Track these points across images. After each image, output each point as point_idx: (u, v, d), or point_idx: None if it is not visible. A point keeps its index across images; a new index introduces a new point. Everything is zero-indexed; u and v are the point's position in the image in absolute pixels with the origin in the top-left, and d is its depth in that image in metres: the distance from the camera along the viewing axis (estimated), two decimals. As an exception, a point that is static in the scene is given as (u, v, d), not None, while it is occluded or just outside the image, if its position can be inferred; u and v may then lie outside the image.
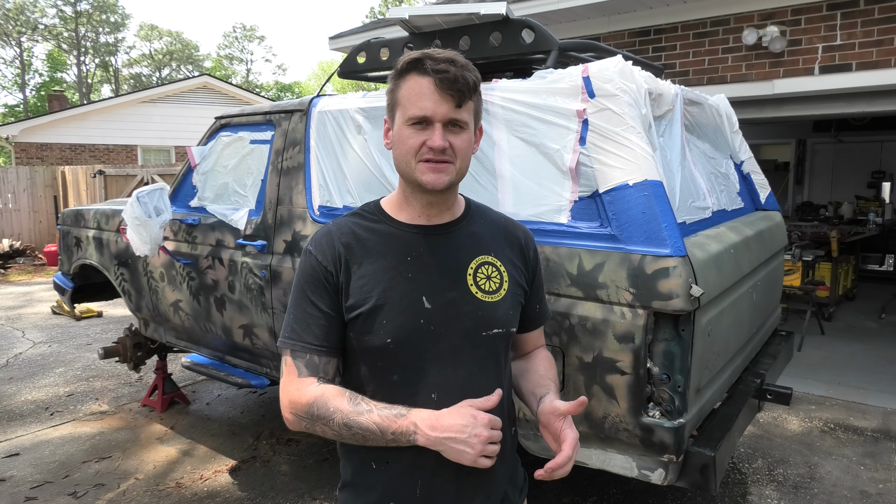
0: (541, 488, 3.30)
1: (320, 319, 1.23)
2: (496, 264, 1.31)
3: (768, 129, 10.12)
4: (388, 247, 1.25)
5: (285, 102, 3.26)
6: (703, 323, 2.12)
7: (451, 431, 1.10)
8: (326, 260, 1.24)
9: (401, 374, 1.23)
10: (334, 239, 1.26)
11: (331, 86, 27.68)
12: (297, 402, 1.20)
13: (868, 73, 4.75)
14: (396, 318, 1.21)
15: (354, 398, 1.18)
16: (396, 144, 1.22)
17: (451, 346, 1.23)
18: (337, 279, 1.23)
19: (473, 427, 1.10)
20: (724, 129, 3.25)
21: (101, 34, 40.36)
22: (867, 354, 5.55)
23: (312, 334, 1.23)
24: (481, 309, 1.26)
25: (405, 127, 1.19)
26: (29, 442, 3.95)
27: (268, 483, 3.41)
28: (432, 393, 1.22)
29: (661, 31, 5.71)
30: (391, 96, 1.23)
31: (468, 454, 1.10)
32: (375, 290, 1.22)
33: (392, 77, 1.23)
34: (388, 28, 6.75)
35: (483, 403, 1.14)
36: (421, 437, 1.12)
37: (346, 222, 1.30)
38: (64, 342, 6.33)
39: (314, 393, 1.19)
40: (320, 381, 1.22)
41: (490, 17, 2.54)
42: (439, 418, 1.12)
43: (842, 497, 3.24)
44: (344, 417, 1.15)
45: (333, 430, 1.17)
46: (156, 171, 12.14)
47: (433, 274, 1.24)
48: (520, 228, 1.41)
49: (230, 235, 3.30)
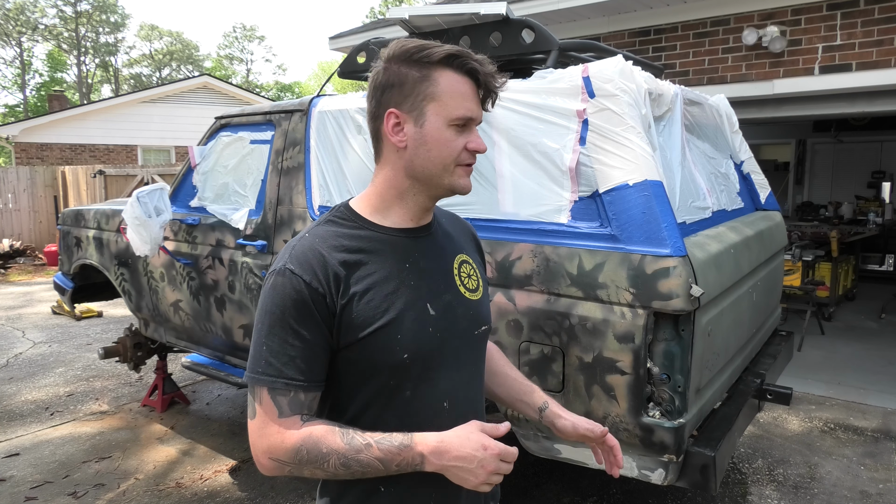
0: (541, 488, 3.30)
1: (305, 351, 1.07)
2: (470, 262, 1.28)
3: (768, 129, 10.12)
4: (382, 255, 1.15)
5: (285, 102, 3.26)
6: (703, 323, 2.12)
7: (459, 461, 1.03)
8: (317, 281, 1.07)
9: (413, 389, 1.14)
10: (325, 256, 1.10)
11: (331, 86, 27.68)
12: (278, 447, 1.05)
13: (868, 73, 4.74)
14: (409, 330, 1.12)
15: (346, 434, 1.05)
16: (432, 145, 1.10)
17: (453, 350, 1.19)
18: (333, 302, 1.08)
19: (483, 459, 1.03)
20: (724, 129, 3.25)
21: (101, 34, 40.36)
22: (867, 354, 5.55)
23: (296, 368, 1.07)
24: (471, 308, 1.23)
25: (446, 128, 1.09)
26: (29, 442, 3.95)
27: (268, 483, 3.41)
28: (444, 402, 1.17)
29: (661, 31, 5.71)
30: (420, 86, 1.09)
31: (471, 481, 1.04)
32: (384, 305, 1.11)
33: (418, 66, 1.09)
34: (388, 28, 6.76)
35: (493, 430, 1.06)
36: (428, 465, 1.05)
37: (327, 233, 1.14)
38: (64, 342, 6.33)
39: (300, 435, 1.05)
40: (304, 418, 1.08)
41: (490, 17, 2.55)
42: (449, 447, 1.04)
43: (842, 497, 3.24)
44: (341, 458, 1.04)
45: (328, 472, 1.05)
46: (156, 171, 12.14)
47: (431, 278, 1.18)
48: (467, 223, 1.40)
49: (230, 235, 3.30)
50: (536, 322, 2.22)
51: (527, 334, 2.25)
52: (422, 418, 1.15)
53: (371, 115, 1.14)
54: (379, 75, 1.12)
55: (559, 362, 2.18)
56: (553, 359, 2.20)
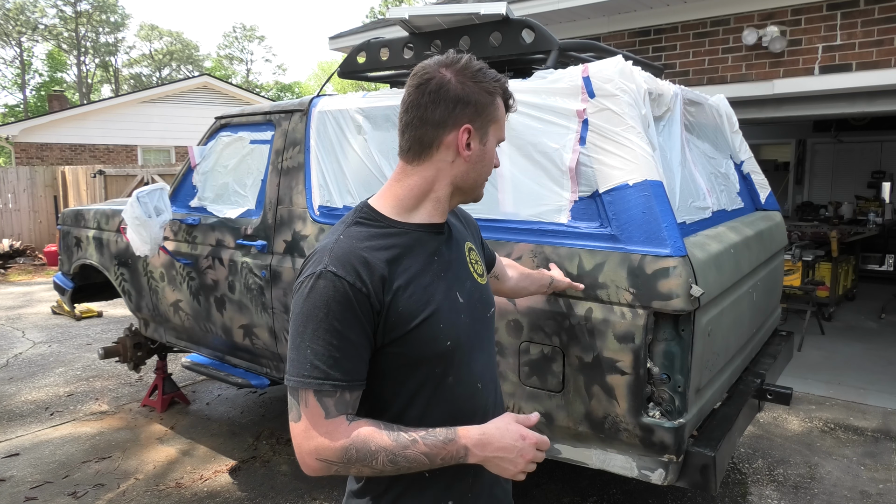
0: (541, 488, 3.30)
1: (349, 351, 1.10)
2: (475, 248, 1.40)
3: (768, 129, 10.12)
4: (414, 251, 1.20)
5: (285, 102, 3.26)
6: (703, 323, 2.12)
7: (501, 451, 1.10)
8: (360, 282, 1.10)
9: (455, 374, 1.22)
10: (366, 257, 1.13)
11: (331, 86, 27.67)
12: (327, 448, 1.08)
13: (868, 73, 4.74)
14: (447, 319, 1.20)
15: (391, 430, 1.09)
16: (486, 162, 1.24)
17: (477, 333, 1.29)
18: (380, 301, 1.12)
19: (522, 448, 1.10)
20: (724, 129, 3.25)
21: (101, 34, 40.35)
22: (867, 354, 5.55)
23: (342, 370, 1.09)
24: (484, 292, 1.34)
25: (494, 148, 1.25)
26: (29, 442, 3.95)
27: (268, 483, 3.41)
28: (478, 383, 1.27)
29: (661, 31, 5.71)
30: (488, 111, 1.21)
31: (510, 470, 1.11)
32: (425, 297, 1.18)
33: (488, 91, 1.20)
34: (388, 28, 6.76)
35: (525, 421, 1.14)
36: (472, 458, 1.11)
37: (360, 234, 1.18)
38: (64, 342, 6.33)
39: (348, 435, 1.08)
40: (349, 418, 1.11)
41: (490, 17, 2.54)
42: (491, 438, 1.10)
43: (842, 497, 3.24)
44: (389, 455, 1.07)
45: (374, 469, 1.08)
46: (156, 171, 12.14)
47: (455, 268, 1.27)
48: (465, 210, 1.53)
49: (230, 235, 3.30)
50: (536, 322, 2.22)
51: (527, 334, 2.25)
52: (462, 402, 1.24)
53: (434, 122, 1.18)
54: (450, 86, 1.17)
55: (559, 362, 2.18)
56: (553, 359, 2.20)
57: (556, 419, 2.23)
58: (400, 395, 1.19)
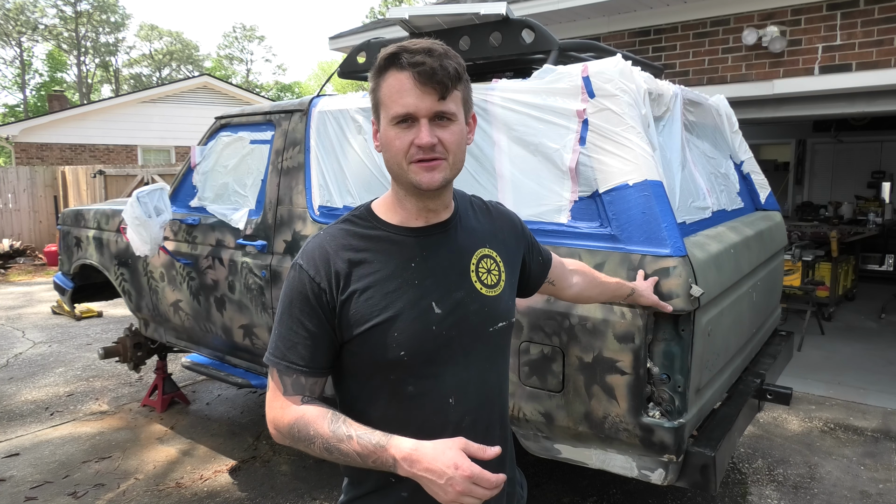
0: (541, 488, 3.30)
1: (306, 340, 1.16)
2: (493, 256, 1.30)
3: (768, 129, 10.12)
4: (388, 255, 1.19)
5: (285, 102, 3.26)
6: (703, 323, 2.12)
7: (429, 473, 1.02)
8: (320, 277, 1.16)
9: (416, 385, 1.18)
10: (330, 254, 1.17)
11: (331, 86, 27.68)
12: (279, 420, 1.17)
13: (868, 73, 4.74)
14: (408, 329, 1.15)
15: (335, 421, 1.11)
16: (385, 147, 1.15)
17: (463, 347, 1.21)
18: (333, 298, 1.15)
19: (452, 478, 1.00)
20: (723, 129, 3.25)
21: (101, 34, 40.36)
22: (867, 354, 5.55)
23: (298, 354, 1.16)
24: (487, 305, 1.25)
25: (390, 127, 1.13)
26: (29, 442, 3.95)
27: (268, 483, 3.41)
28: (449, 398, 1.20)
29: (661, 31, 5.71)
30: (374, 96, 1.16)
31: (441, 497, 1.03)
32: (383, 303, 1.15)
33: (372, 75, 1.16)
34: (388, 28, 6.75)
35: (477, 452, 1.04)
36: (400, 470, 1.06)
37: (339, 232, 1.21)
38: (64, 342, 6.33)
39: (295, 414, 1.14)
40: (304, 399, 1.17)
41: (490, 17, 2.54)
42: (421, 457, 1.03)
43: (842, 497, 3.24)
44: (324, 443, 1.10)
45: (315, 452, 1.13)
46: (156, 171, 12.14)
47: (439, 276, 1.20)
48: (509, 214, 1.44)
49: (230, 235, 3.30)
50: (536, 322, 2.22)
51: (527, 334, 2.25)
52: (427, 412, 1.19)
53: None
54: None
55: (559, 362, 2.18)
56: (553, 359, 2.20)
57: (556, 419, 2.23)
58: (363, 393, 1.22)
